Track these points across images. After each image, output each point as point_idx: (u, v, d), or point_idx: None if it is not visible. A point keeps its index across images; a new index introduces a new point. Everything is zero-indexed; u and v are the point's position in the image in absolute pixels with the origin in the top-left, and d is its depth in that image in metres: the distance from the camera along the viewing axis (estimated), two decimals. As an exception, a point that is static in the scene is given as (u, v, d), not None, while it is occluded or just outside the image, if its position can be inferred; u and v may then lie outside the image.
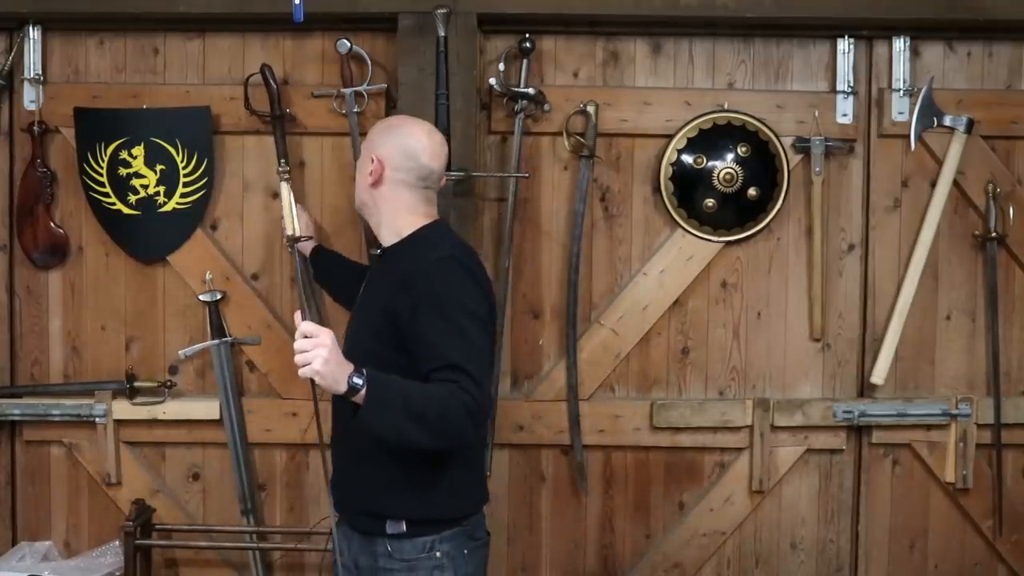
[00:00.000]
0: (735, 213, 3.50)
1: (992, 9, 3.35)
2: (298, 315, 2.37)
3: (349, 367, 2.31)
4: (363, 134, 3.41)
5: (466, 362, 2.42)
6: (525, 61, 3.41)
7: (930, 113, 3.47)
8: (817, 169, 3.48)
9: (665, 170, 3.48)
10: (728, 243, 3.53)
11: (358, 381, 2.30)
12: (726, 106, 3.48)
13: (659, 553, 3.58)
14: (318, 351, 2.28)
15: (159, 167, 3.45)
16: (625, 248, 3.55)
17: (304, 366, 2.29)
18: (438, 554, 2.54)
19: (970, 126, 3.46)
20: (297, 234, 2.68)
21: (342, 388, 2.30)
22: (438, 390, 2.38)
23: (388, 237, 2.65)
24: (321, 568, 3.47)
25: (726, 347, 3.57)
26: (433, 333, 2.45)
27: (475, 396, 2.39)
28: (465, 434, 2.42)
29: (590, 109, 3.43)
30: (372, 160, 2.62)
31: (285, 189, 2.78)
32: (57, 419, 3.50)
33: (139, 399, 3.49)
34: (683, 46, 3.52)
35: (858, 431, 3.57)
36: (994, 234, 3.50)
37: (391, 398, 2.34)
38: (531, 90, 3.40)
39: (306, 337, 2.30)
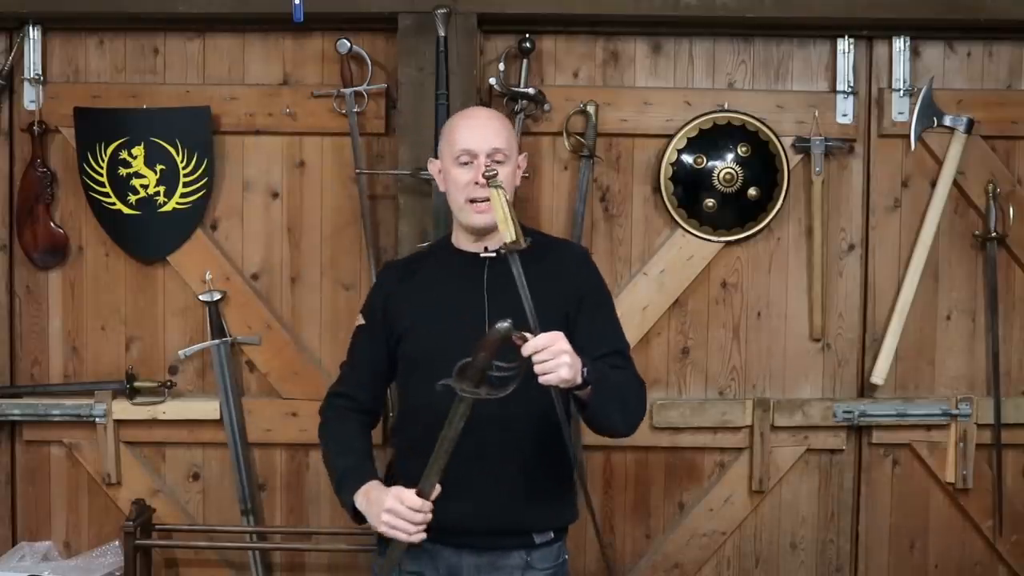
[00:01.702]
0: (735, 213, 3.50)
1: (992, 9, 3.35)
2: (521, 336, 2.20)
3: (579, 361, 2.26)
4: (364, 134, 3.43)
5: (627, 349, 2.56)
6: (525, 61, 3.41)
7: (930, 113, 3.47)
8: (817, 169, 3.48)
9: (665, 170, 3.48)
10: (728, 243, 3.53)
11: (587, 373, 2.28)
12: (726, 106, 3.48)
13: (659, 553, 3.58)
14: (562, 358, 2.20)
15: (159, 167, 3.45)
16: (625, 248, 3.55)
17: (547, 375, 2.20)
18: (566, 556, 2.57)
19: (970, 126, 3.46)
20: (518, 241, 2.34)
21: (578, 381, 2.26)
22: (625, 376, 2.46)
23: (499, 240, 2.45)
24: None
25: (726, 347, 3.57)
26: (601, 322, 2.53)
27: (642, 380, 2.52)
28: (642, 416, 2.51)
29: (590, 109, 3.43)
30: (520, 165, 2.58)
31: (499, 195, 2.35)
32: (57, 419, 3.50)
33: (139, 399, 3.49)
34: (683, 46, 3.52)
35: (858, 431, 3.57)
36: (994, 234, 3.50)
37: (609, 386, 2.35)
38: (531, 90, 3.40)
39: (541, 350, 2.20)
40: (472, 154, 2.47)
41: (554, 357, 2.20)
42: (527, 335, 2.21)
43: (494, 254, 2.49)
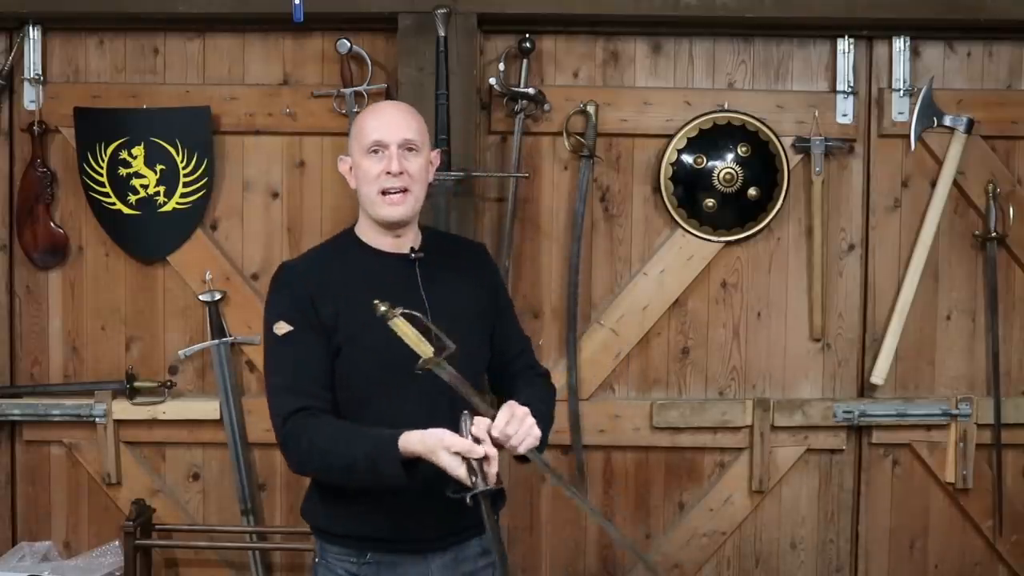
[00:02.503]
0: (735, 213, 3.50)
1: (992, 9, 3.35)
2: (469, 419, 2.20)
3: None
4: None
5: (529, 341, 2.63)
6: (525, 61, 3.41)
7: (930, 113, 3.47)
8: (817, 169, 3.48)
9: (665, 170, 3.48)
10: (728, 243, 3.53)
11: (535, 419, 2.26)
12: (726, 106, 3.48)
13: (659, 553, 3.58)
14: (528, 421, 2.22)
15: (159, 167, 3.45)
16: (625, 248, 3.55)
17: (525, 441, 2.22)
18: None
19: (970, 126, 3.46)
20: (435, 354, 2.23)
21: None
22: (539, 385, 2.50)
23: (414, 237, 2.45)
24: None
25: (726, 347, 3.57)
26: (511, 320, 2.59)
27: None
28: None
29: (590, 109, 3.43)
30: (432, 162, 2.49)
31: (400, 324, 2.23)
32: (57, 419, 3.50)
33: (139, 399, 3.49)
34: (683, 46, 3.52)
35: (858, 431, 3.57)
36: (994, 234, 3.50)
37: (545, 415, 2.37)
38: (531, 90, 3.40)
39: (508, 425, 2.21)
40: (383, 144, 2.38)
41: (522, 424, 2.21)
42: (474, 412, 2.21)
43: (423, 254, 2.42)
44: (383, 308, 2.21)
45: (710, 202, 3.48)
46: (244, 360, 3.54)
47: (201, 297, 3.49)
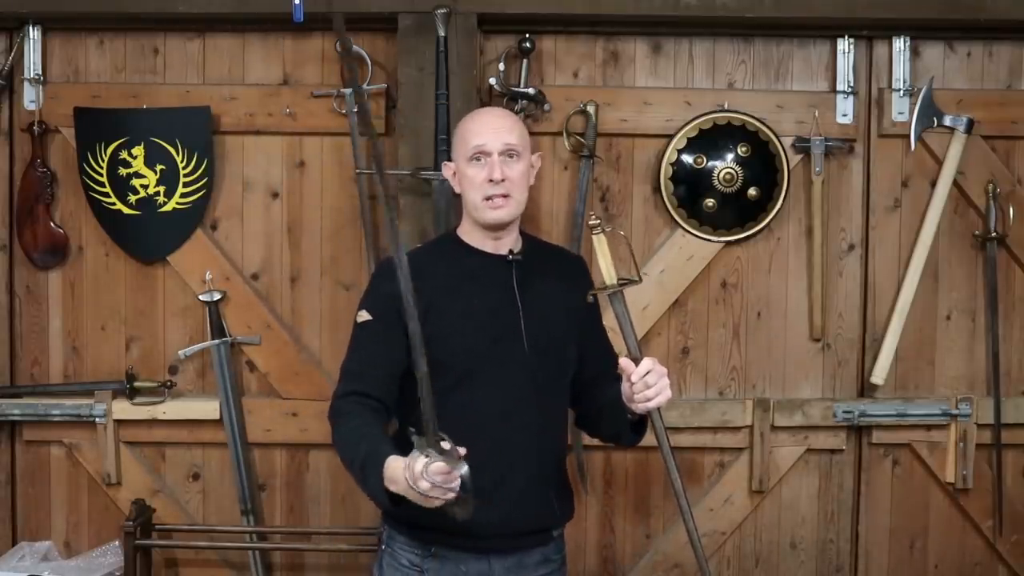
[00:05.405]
0: (735, 213, 3.50)
1: (992, 9, 3.35)
2: (629, 362, 2.40)
3: None
4: (363, 134, 3.43)
5: None
6: (525, 61, 3.41)
7: (930, 113, 3.47)
8: (817, 169, 3.48)
9: (665, 170, 3.48)
10: (728, 243, 3.53)
11: None
12: (726, 106, 3.47)
13: (659, 553, 3.58)
14: (666, 380, 2.38)
15: (159, 167, 3.45)
16: (625, 248, 3.54)
17: (657, 397, 2.38)
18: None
19: (970, 126, 3.46)
20: (619, 279, 2.50)
21: None
22: None
23: (513, 241, 2.56)
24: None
25: (726, 347, 3.57)
26: (604, 334, 2.69)
27: None
28: None
29: (590, 109, 3.43)
30: (533, 165, 2.58)
31: (601, 241, 2.49)
32: (57, 419, 3.50)
33: (139, 399, 3.49)
34: (683, 46, 3.52)
35: (858, 431, 3.57)
36: (994, 234, 3.50)
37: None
38: (531, 90, 3.40)
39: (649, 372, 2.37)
40: (485, 152, 2.47)
41: (661, 379, 2.34)
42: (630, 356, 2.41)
43: (520, 257, 2.54)
44: (595, 220, 2.46)
45: (710, 202, 3.48)
46: (244, 360, 3.54)
47: (201, 297, 3.49)
